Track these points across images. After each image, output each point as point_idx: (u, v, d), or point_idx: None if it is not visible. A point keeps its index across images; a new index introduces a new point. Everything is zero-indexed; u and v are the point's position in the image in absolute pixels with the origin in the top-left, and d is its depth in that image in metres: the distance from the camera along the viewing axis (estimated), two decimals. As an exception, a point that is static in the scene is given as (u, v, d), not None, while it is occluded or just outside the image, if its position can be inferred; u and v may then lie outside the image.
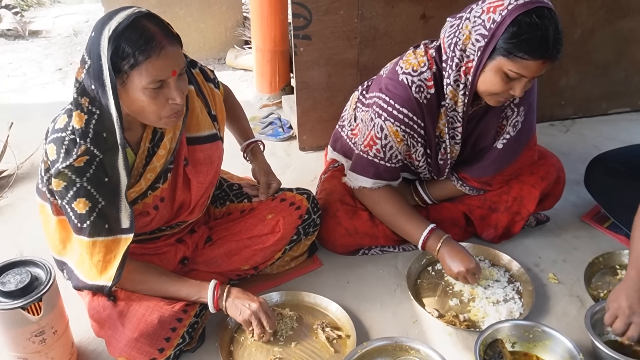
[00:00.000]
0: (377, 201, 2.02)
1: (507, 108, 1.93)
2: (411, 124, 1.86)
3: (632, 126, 3.11)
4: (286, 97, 3.24)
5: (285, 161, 2.82)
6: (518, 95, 1.71)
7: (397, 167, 1.97)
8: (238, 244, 1.91)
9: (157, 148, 1.64)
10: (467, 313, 1.87)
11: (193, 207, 1.80)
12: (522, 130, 1.96)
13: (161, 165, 1.65)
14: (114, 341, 1.62)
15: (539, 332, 1.68)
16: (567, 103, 3.13)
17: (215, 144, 1.77)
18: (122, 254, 1.55)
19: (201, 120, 1.73)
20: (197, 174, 1.75)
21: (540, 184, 2.10)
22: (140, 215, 1.68)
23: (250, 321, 1.69)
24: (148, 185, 1.65)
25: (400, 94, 1.84)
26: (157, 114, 1.50)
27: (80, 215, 1.51)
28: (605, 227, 2.28)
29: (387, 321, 1.87)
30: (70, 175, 1.48)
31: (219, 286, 1.70)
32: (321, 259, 2.13)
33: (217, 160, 1.80)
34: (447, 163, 2.00)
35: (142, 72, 1.42)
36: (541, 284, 2.01)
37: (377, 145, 1.91)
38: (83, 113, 1.46)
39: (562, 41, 1.64)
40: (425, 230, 1.94)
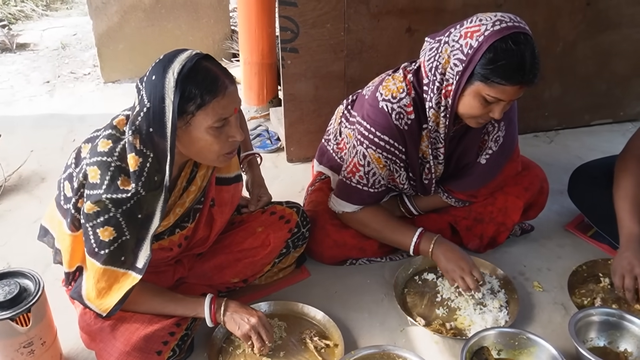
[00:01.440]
0: (361, 222, 2.05)
1: (488, 124, 1.96)
2: (392, 150, 1.89)
3: (614, 137, 3.17)
4: (274, 110, 3.27)
5: (273, 173, 2.84)
6: (497, 117, 1.74)
7: (380, 192, 2.00)
8: (228, 257, 1.92)
9: (189, 185, 1.66)
10: (453, 321, 1.89)
11: (209, 242, 1.83)
12: (504, 145, 1.99)
13: (190, 202, 1.67)
14: (105, 354, 1.62)
15: (524, 339, 1.71)
16: (551, 115, 3.18)
17: (239, 184, 1.83)
18: (127, 291, 1.54)
19: (233, 162, 1.77)
20: (221, 214, 1.79)
21: (524, 194, 2.14)
22: (162, 250, 1.70)
23: (249, 336, 1.69)
24: (176, 221, 1.66)
25: (381, 122, 1.86)
26: (218, 152, 1.53)
27: (101, 242, 1.50)
28: (588, 235, 2.32)
29: (375, 330, 1.89)
30: (107, 204, 1.47)
31: (215, 300, 1.70)
32: (309, 269, 2.14)
33: (237, 201, 1.86)
34: (431, 182, 2.03)
35: (209, 112, 1.45)
36: (526, 292, 2.04)
37: (360, 172, 1.94)
38: (138, 156, 1.47)
39: (538, 66, 1.66)
40: (415, 235, 1.97)
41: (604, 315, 1.78)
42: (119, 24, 3.80)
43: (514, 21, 1.66)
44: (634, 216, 1.90)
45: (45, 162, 2.91)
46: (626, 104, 3.28)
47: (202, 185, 1.69)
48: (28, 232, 2.28)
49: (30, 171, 2.83)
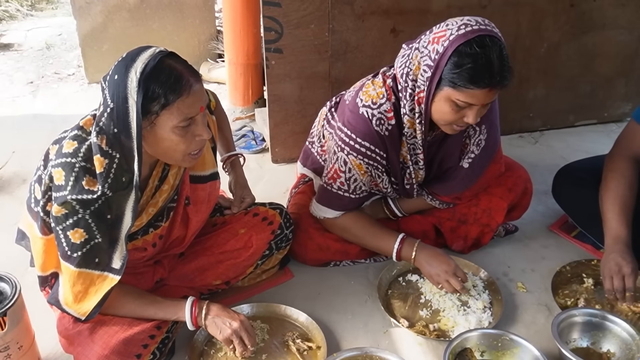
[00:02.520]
0: (343, 228, 2.05)
1: (469, 128, 1.94)
2: (374, 156, 1.87)
3: (598, 137, 3.18)
4: (259, 110, 3.25)
5: (258, 173, 2.83)
6: (472, 122, 1.71)
7: (361, 197, 1.99)
8: (210, 258, 1.90)
9: (162, 183, 1.64)
10: (437, 323, 1.88)
11: (185, 242, 1.80)
12: (487, 148, 1.98)
13: (163, 201, 1.65)
14: (84, 358, 1.58)
15: (507, 340, 1.70)
16: (535, 115, 3.20)
17: (215, 182, 1.79)
18: (105, 293, 1.52)
19: (207, 159, 1.74)
20: (197, 212, 1.76)
21: (508, 195, 2.13)
22: (137, 251, 1.67)
23: (231, 340, 1.67)
24: (149, 221, 1.64)
25: (361, 128, 1.84)
26: (185, 151, 1.50)
27: (73, 244, 1.48)
28: (572, 236, 2.32)
29: (358, 332, 1.87)
30: (74, 205, 1.45)
31: (196, 304, 1.67)
32: (292, 271, 2.13)
33: (214, 199, 1.82)
34: (413, 187, 2.02)
35: (174, 112, 1.42)
36: (510, 293, 2.04)
37: (341, 178, 1.93)
38: (104, 157, 1.45)
39: (507, 67, 1.63)
40: (397, 241, 1.96)
41: (586, 316, 1.78)
42: (104, 24, 3.78)
43: (480, 24, 1.63)
44: (621, 218, 1.89)
45: (27, 163, 2.87)
46: (610, 105, 3.30)
47: (175, 184, 1.66)
48: (8, 234, 2.23)
49: (12, 173, 2.80)
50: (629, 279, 1.80)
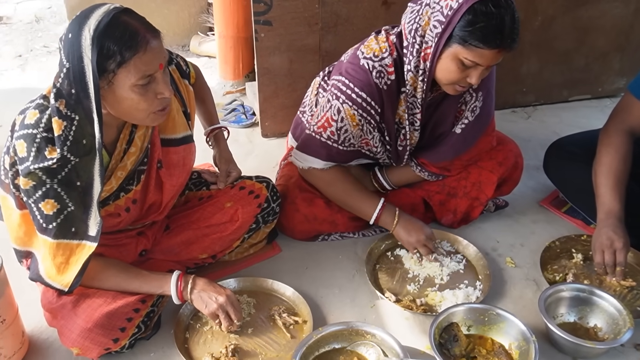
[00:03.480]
0: (327, 182, 2.02)
1: (466, 93, 1.93)
2: (368, 109, 1.85)
3: (591, 113, 3.15)
4: (250, 84, 3.21)
5: (248, 148, 2.80)
6: (474, 83, 1.71)
7: (349, 151, 1.96)
8: (196, 232, 1.88)
9: (129, 146, 1.60)
10: (424, 297, 1.87)
11: (163, 208, 1.77)
12: (481, 116, 1.97)
13: (132, 164, 1.61)
14: (67, 331, 1.58)
15: (494, 315, 1.69)
16: (529, 90, 3.16)
17: (189, 145, 1.74)
18: (84, 262, 1.50)
19: (177, 122, 1.69)
20: (170, 176, 1.72)
21: (498, 169, 2.11)
22: (110, 217, 1.64)
23: (217, 314, 1.66)
24: (119, 185, 1.60)
25: (361, 78, 1.83)
26: (147, 110, 1.46)
27: (46, 216, 1.46)
28: (563, 211, 2.31)
29: (345, 306, 1.87)
30: (40, 176, 1.42)
31: (182, 278, 1.66)
32: (280, 245, 2.11)
33: (190, 163, 1.78)
34: (406, 149, 2.00)
35: (131, 69, 1.37)
36: (498, 268, 2.03)
37: (332, 127, 1.90)
38: (62, 120, 1.40)
39: (518, 30, 1.63)
40: (378, 206, 1.97)
41: (574, 291, 1.77)
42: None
43: None
44: (614, 192, 1.87)
45: (14, 137, 2.83)
46: (604, 80, 3.25)
47: (143, 146, 1.62)
48: (-7, 208, 2.23)
49: None
50: (620, 253, 1.79)
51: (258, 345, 1.71)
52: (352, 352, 1.65)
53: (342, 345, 1.67)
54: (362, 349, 1.65)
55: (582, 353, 1.66)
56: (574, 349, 1.65)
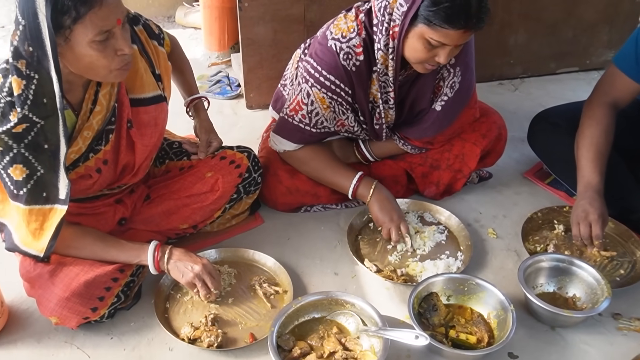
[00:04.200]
0: (302, 160, 2.01)
1: (443, 69, 1.89)
2: (338, 91, 1.83)
3: (579, 85, 3.14)
4: (235, 55, 3.17)
5: (232, 120, 2.77)
6: (443, 62, 1.67)
7: (322, 132, 1.95)
8: (177, 202, 1.87)
9: (95, 106, 1.57)
10: (405, 268, 1.88)
11: (137, 170, 1.75)
12: (460, 91, 1.93)
13: (98, 123, 1.58)
14: (45, 301, 1.58)
15: (473, 285, 1.70)
16: (516, 62, 3.14)
17: (160, 105, 1.71)
18: (56, 225, 1.49)
19: (145, 81, 1.66)
20: (141, 136, 1.69)
21: (481, 141, 2.10)
22: (82, 179, 1.62)
23: (194, 283, 1.66)
24: (87, 146, 1.58)
25: (328, 61, 1.79)
26: (107, 67, 1.42)
27: (16, 182, 1.44)
28: (546, 183, 2.31)
29: (326, 277, 1.87)
30: (7, 141, 1.40)
31: (159, 248, 1.66)
32: (263, 216, 2.11)
33: (162, 122, 1.74)
34: (382, 127, 1.98)
35: (87, 25, 1.34)
36: (480, 239, 2.03)
37: (302, 110, 1.88)
38: (21, 78, 1.37)
39: (485, 9, 1.58)
40: (354, 178, 1.95)
41: (553, 261, 1.77)
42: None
43: None
44: (595, 165, 1.87)
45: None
46: (592, 52, 3.23)
47: (109, 105, 1.59)
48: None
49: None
50: (595, 225, 1.79)
51: (238, 315, 1.71)
52: (332, 322, 1.66)
53: (322, 315, 1.67)
54: (342, 319, 1.66)
55: (560, 322, 1.67)
56: (552, 318, 1.66)
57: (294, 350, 1.54)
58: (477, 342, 1.59)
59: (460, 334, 1.61)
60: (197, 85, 2.89)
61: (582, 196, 1.85)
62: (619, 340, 1.65)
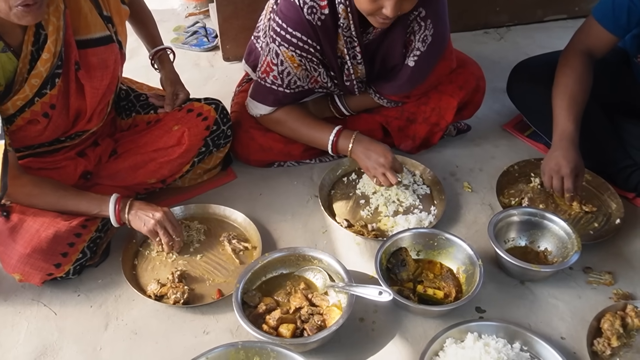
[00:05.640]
0: (277, 121, 1.96)
1: (413, 22, 1.81)
2: (306, 47, 1.76)
3: (566, 33, 2.95)
4: (213, 5, 3.06)
5: (209, 72, 2.71)
6: (389, 14, 1.57)
7: (297, 92, 1.89)
8: (143, 157, 1.83)
9: (42, 51, 1.51)
10: (377, 223, 1.85)
11: (90, 116, 1.70)
12: (433, 44, 1.84)
13: (47, 70, 1.53)
14: (6, 257, 1.57)
15: (443, 239, 1.68)
16: (502, 10, 3.04)
17: (110, 46, 1.65)
18: (1, 161, 1.43)
19: (90, 22, 1.59)
20: (90, 78, 1.63)
21: (458, 93, 2.04)
22: (30, 124, 1.58)
23: (155, 231, 1.65)
24: (34, 92, 1.53)
25: (293, 17, 1.72)
26: (8, 2, 1.34)
27: None
28: (525, 135, 2.26)
29: (297, 232, 1.85)
30: None
31: (120, 200, 1.64)
32: (235, 172, 2.08)
33: (113, 65, 1.68)
34: (353, 83, 1.92)
35: None
36: (455, 192, 2.00)
37: (273, 71, 1.82)
38: None
39: None
40: (332, 132, 1.90)
41: (525, 215, 1.75)
42: None
43: None
44: (569, 114, 1.83)
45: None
46: (581, -1, 3.14)
47: (57, 50, 1.53)
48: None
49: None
50: (567, 179, 1.77)
51: (206, 271, 1.70)
52: (300, 277, 1.65)
53: (290, 271, 1.66)
54: (310, 274, 1.64)
55: (529, 276, 1.66)
56: (521, 272, 1.65)
57: (259, 306, 1.54)
58: (444, 297, 1.59)
59: (427, 289, 1.60)
60: (174, 36, 2.85)
61: (556, 146, 1.82)
62: (588, 294, 1.65)
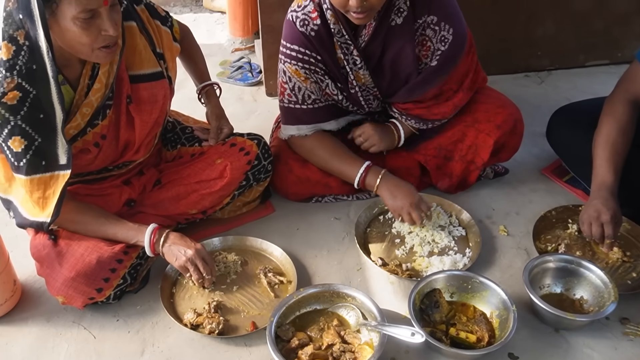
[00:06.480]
0: (309, 149, 2.01)
1: (427, 29, 1.83)
2: (306, 59, 1.85)
3: (608, 79, 3.02)
4: (258, 42, 3.16)
5: (251, 106, 2.78)
6: (353, 4, 1.61)
7: (315, 109, 1.96)
8: (186, 187, 1.89)
9: (93, 82, 1.60)
10: (411, 263, 1.86)
11: (138, 147, 1.78)
12: (455, 41, 1.84)
13: (97, 100, 1.61)
14: (52, 280, 1.63)
15: (477, 283, 1.68)
16: (543, 54, 3.05)
17: (160, 82, 1.73)
18: (61, 190, 1.53)
19: (144, 58, 1.69)
20: (140, 112, 1.72)
21: (495, 132, 2.04)
22: (82, 153, 1.66)
23: (186, 267, 1.69)
24: (86, 122, 1.62)
25: (289, 32, 1.85)
26: (90, 45, 1.45)
27: (16, 153, 1.49)
28: (564, 180, 2.25)
29: (332, 268, 1.87)
30: (4, 114, 1.46)
31: (157, 231, 1.69)
32: (274, 205, 2.12)
33: (163, 100, 1.76)
34: (357, 92, 1.95)
35: (72, 2, 1.37)
36: (490, 235, 2.00)
37: (287, 90, 1.92)
38: (11, 44, 1.42)
39: None
40: (362, 167, 1.94)
41: (561, 262, 1.74)
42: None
43: None
44: (610, 165, 1.83)
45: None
46: (624, 45, 3.11)
47: (109, 82, 1.62)
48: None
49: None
50: (607, 226, 1.75)
51: (241, 303, 1.73)
52: (333, 314, 1.66)
53: (324, 307, 1.68)
54: (343, 311, 1.66)
55: (564, 325, 1.64)
56: (556, 320, 1.63)
57: (292, 340, 1.56)
58: (477, 341, 1.58)
59: (460, 332, 1.60)
60: (220, 70, 2.94)
61: (595, 195, 1.81)
62: (624, 346, 1.62)
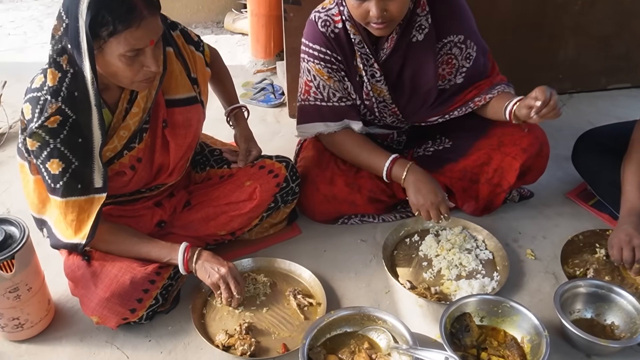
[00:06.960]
0: (338, 143, 2.06)
1: (454, 48, 1.92)
2: (327, 58, 1.90)
3: (631, 102, 3.04)
4: (280, 63, 3.21)
5: (275, 128, 2.81)
6: (375, 15, 1.67)
7: (341, 107, 1.99)
8: (215, 209, 1.91)
9: (131, 106, 1.64)
10: (439, 286, 1.87)
11: (172, 170, 1.80)
12: (478, 56, 1.97)
13: (135, 124, 1.65)
14: (87, 300, 1.65)
15: (507, 307, 1.68)
16: (565, 77, 3.07)
17: (195, 107, 1.77)
18: (96, 213, 1.57)
19: (180, 83, 1.73)
20: (175, 136, 1.75)
21: (521, 155, 2.04)
22: (117, 175, 1.69)
23: (218, 285, 1.71)
24: (123, 145, 1.65)
25: (311, 32, 1.90)
26: (131, 78, 1.50)
27: (53, 175, 1.53)
28: (589, 204, 2.25)
29: (360, 291, 1.88)
30: (44, 136, 1.50)
31: (189, 249, 1.71)
32: (300, 227, 2.13)
33: (196, 124, 1.80)
34: (373, 102, 2.00)
35: (121, 41, 1.41)
36: (518, 259, 2.01)
37: (312, 88, 1.97)
38: (57, 71, 1.47)
39: None
40: (389, 159, 1.96)
41: (592, 287, 1.74)
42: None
43: None
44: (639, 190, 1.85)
45: (50, 109, 2.91)
46: (646, 68, 3.13)
47: (147, 107, 1.66)
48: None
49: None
50: (638, 250, 1.75)
51: (272, 325, 1.74)
52: (364, 337, 1.67)
53: (354, 329, 1.68)
54: (373, 334, 1.67)
55: (596, 350, 1.64)
56: (588, 346, 1.63)
57: (324, 363, 1.57)
58: (508, 366, 1.58)
59: (492, 357, 1.60)
60: (243, 91, 2.98)
61: (624, 220, 1.82)
62: (657, 373, 1.61)
